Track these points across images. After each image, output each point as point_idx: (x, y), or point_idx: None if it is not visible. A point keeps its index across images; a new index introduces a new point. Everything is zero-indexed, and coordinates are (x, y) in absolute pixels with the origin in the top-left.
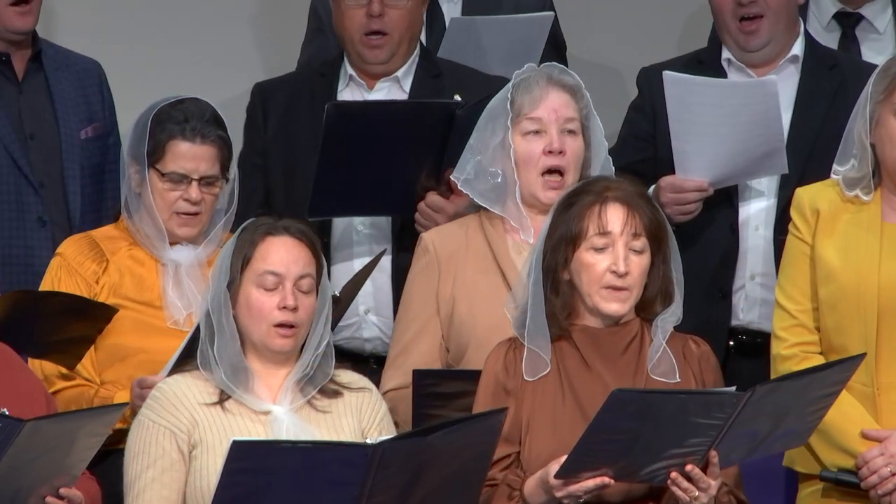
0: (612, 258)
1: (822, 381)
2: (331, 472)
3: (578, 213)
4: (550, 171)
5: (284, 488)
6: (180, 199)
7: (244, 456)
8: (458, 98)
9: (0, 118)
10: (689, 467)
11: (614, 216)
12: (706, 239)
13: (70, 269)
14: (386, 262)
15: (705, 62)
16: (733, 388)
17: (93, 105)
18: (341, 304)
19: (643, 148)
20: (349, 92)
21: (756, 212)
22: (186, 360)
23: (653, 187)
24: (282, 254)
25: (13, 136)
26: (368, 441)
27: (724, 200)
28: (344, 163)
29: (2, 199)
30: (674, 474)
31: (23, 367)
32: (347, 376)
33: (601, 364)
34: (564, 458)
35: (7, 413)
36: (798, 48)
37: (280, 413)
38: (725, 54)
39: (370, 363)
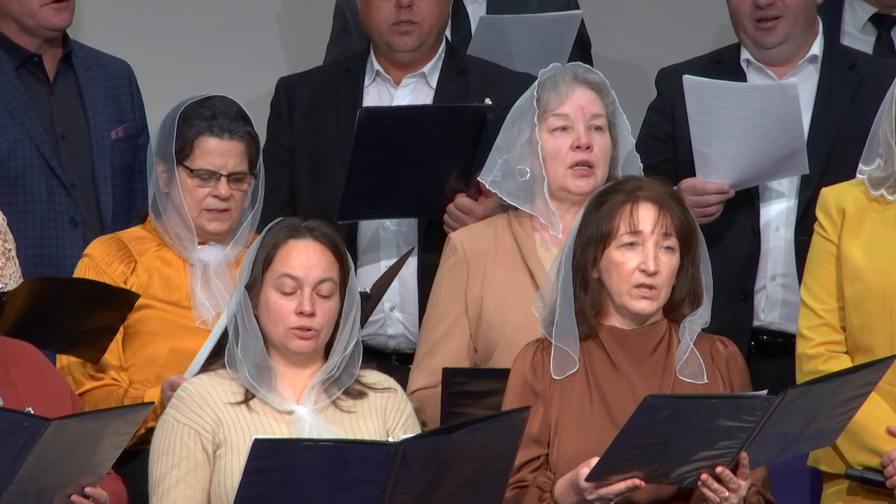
0: (642, 257)
1: (853, 382)
2: (353, 471)
3: (609, 211)
4: (579, 164)
5: (306, 487)
6: (210, 196)
7: (266, 454)
8: (489, 101)
9: (32, 119)
10: (719, 469)
11: (645, 216)
12: (728, 240)
13: (98, 270)
14: (412, 259)
15: (724, 63)
16: (765, 392)
17: (123, 105)
18: (371, 301)
19: (663, 149)
20: (375, 87)
21: (777, 213)
22: (214, 359)
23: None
24: (302, 258)
25: (45, 137)
26: (391, 439)
27: (744, 202)
28: (374, 167)
29: (34, 200)
30: (704, 476)
31: (49, 368)
32: (373, 377)
33: (629, 365)
34: (595, 460)
35: (32, 412)
36: (817, 48)
37: (303, 413)
38: (744, 55)
39: (392, 360)
